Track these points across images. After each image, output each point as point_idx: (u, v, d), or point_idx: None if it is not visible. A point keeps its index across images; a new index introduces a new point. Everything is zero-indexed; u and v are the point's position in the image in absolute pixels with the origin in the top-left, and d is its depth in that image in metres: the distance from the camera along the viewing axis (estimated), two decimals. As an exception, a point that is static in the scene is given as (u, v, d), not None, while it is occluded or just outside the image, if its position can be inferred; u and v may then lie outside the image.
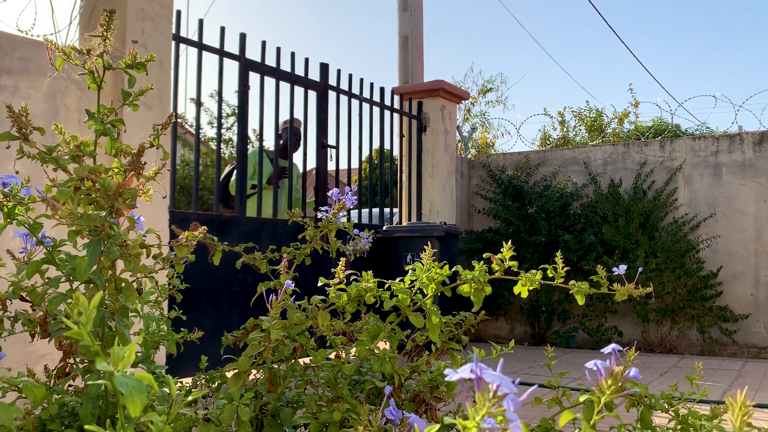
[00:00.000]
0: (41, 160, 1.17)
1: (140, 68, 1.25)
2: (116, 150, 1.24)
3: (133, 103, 1.27)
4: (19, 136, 1.17)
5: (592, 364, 0.83)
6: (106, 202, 1.14)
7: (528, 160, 6.67)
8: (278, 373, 1.43)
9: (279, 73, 4.66)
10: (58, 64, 1.24)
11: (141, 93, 1.26)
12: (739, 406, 0.89)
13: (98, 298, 0.57)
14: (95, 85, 1.25)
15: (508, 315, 6.48)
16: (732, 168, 5.78)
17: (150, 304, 1.67)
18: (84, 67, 1.24)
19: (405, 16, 6.71)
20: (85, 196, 1.11)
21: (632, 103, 10.24)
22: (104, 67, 1.24)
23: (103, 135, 1.21)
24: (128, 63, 1.25)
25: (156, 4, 3.54)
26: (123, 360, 0.56)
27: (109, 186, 1.09)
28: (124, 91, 1.26)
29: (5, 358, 1.52)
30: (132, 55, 1.25)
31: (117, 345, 0.57)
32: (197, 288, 3.80)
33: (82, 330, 0.56)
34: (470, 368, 0.56)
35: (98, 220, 1.12)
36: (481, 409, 0.53)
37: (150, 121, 3.40)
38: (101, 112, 1.23)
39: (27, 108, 1.19)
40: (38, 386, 0.90)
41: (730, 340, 5.59)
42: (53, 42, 1.22)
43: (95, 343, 0.57)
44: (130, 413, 0.60)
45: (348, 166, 5.37)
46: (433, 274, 1.36)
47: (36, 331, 1.42)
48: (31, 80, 3.09)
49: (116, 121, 1.24)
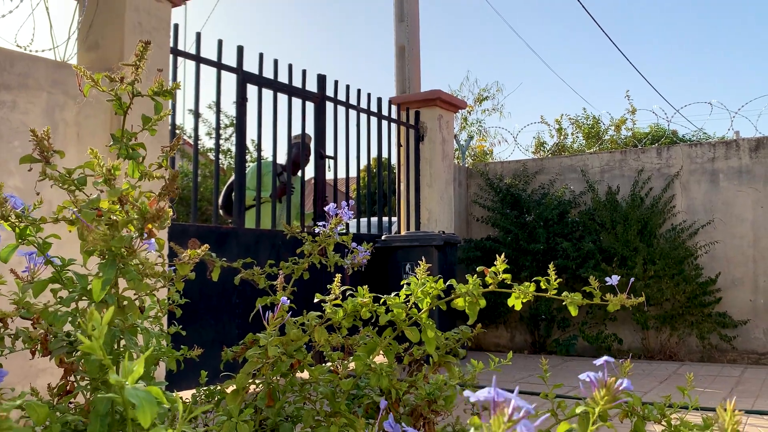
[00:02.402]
0: (62, 182, 1.20)
1: (167, 96, 1.29)
2: (141, 173, 1.27)
3: (151, 128, 1.30)
4: (41, 159, 1.20)
5: (585, 375, 0.85)
6: (142, 224, 1.17)
7: (526, 168, 6.69)
8: (277, 388, 1.45)
9: (276, 84, 4.68)
10: (85, 91, 1.27)
11: (160, 118, 1.29)
12: (730, 414, 0.90)
13: (110, 313, 0.59)
14: (121, 111, 1.29)
15: (507, 323, 6.49)
16: (729, 174, 5.80)
17: (150, 320, 1.69)
18: (111, 94, 1.27)
19: (401, 27, 6.75)
20: (115, 220, 1.14)
21: (629, 109, 10.29)
22: (132, 94, 1.27)
23: (127, 158, 1.25)
24: (155, 90, 1.29)
25: (153, 18, 3.57)
26: (133, 374, 0.58)
27: (146, 209, 1.13)
28: (144, 116, 1.30)
29: (8, 374, 1.53)
30: (159, 83, 1.28)
31: (127, 359, 0.59)
32: (197, 300, 3.81)
33: (94, 344, 0.57)
34: (488, 391, 0.59)
35: (128, 242, 1.15)
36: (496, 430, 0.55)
37: (148, 134, 3.42)
38: (125, 136, 1.26)
39: (49, 132, 1.22)
40: (41, 405, 0.91)
41: (729, 346, 5.60)
42: (82, 68, 1.25)
43: (107, 357, 0.59)
44: (142, 424, 0.62)
45: (346, 176, 5.39)
46: (428, 288, 1.37)
47: (37, 348, 1.44)
48: (30, 95, 3.11)
49: (137, 144, 1.27)
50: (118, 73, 1.24)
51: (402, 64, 6.71)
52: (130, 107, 1.29)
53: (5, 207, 1.16)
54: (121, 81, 1.23)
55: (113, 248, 1.09)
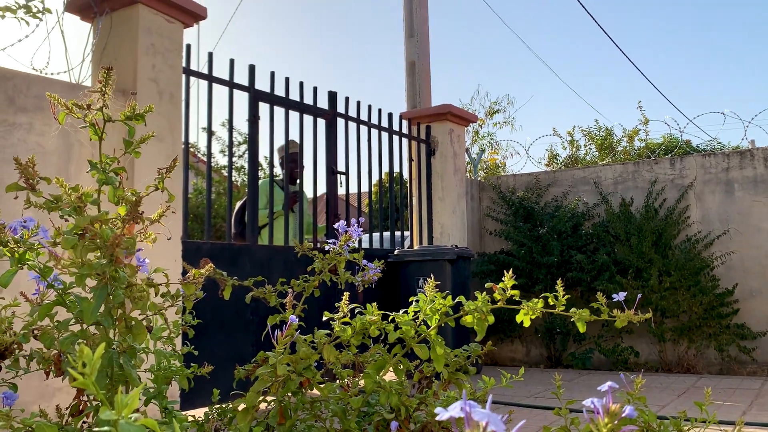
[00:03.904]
0: (48, 209, 1.21)
1: (139, 120, 1.30)
2: (118, 198, 1.28)
3: (135, 151, 1.31)
4: (27, 187, 1.21)
5: (590, 402, 0.84)
6: (106, 251, 1.18)
7: (538, 180, 6.68)
8: (288, 406, 1.45)
9: (288, 102, 4.72)
10: (61, 118, 1.29)
11: (142, 141, 1.30)
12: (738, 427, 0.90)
13: (101, 349, 0.60)
14: (96, 137, 1.30)
15: (523, 338, 6.44)
16: (744, 184, 5.76)
17: (162, 341, 1.70)
18: (84, 121, 1.29)
19: (412, 42, 6.79)
20: (88, 244, 1.15)
21: (642, 120, 10.25)
22: (104, 119, 1.29)
23: (105, 184, 1.25)
24: (127, 115, 1.30)
25: (166, 39, 3.62)
26: (127, 407, 0.58)
27: (107, 236, 1.13)
28: (125, 140, 1.31)
29: (22, 391, 1.55)
30: (131, 108, 1.30)
31: (120, 393, 0.59)
32: (210, 318, 3.83)
33: (87, 380, 0.58)
34: (460, 406, 0.58)
35: (99, 268, 1.15)
36: None
37: (162, 153, 3.46)
38: (103, 161, 1.27)
39: (33, 159, 1.23)
40: (50, 426, 0.92)
41: (749, 358, 5.52)
42: (55, 96, 1.27)
43: (100, 393, 0.60)
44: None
45: (358, 191, 5.40)
46: (436, 305, 1.37)
47: (50, 369, 1.46)
48: (46, 117, 3.16)
49: (119, 169, 1.28)
50: (85, 99, 1.26)
51: (412, 80, 6.75)
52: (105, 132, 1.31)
53: (4, 233, 1.18)
54: (88, 108, 1.25)
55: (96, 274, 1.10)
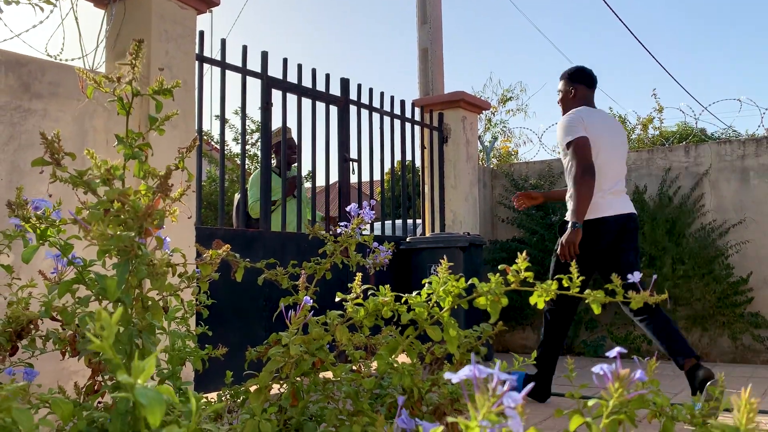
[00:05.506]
0: (73, 183, 1.22)
1: (167, 94, 1.30)
2: (144, 172, 1.29)
3: (159, 128, 1.31)
4: (52, 162, 1.22)
5: (599, 368, 0.84)
6: (136, 223, 1.18)
7: (551, 168, 6.64)
8: (301, 387, 1.46)
9: (301, 89, 4.72)
10: (89, 92, 1.29)
11: (167, 118, 1.31)
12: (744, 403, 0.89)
13: (119, 313, 0.60)
14: (124, 111, 1.31)
15: (534, 325, 6.43)
16: (760, 172, 5.69)
17: (177, 321, 1.71)
18: (113, 94, 1.29)
19: (424, 29, 6.75)
20: (114, 218, 1.16)
21: (656, 108, 10.13)
22: (132, 93, 1.29)
23: (131, 158, 1.26)
24: (155, 89, 1.30)
25: (179, 26, 3.62)
26: (144, 372, 0.59)
27: (138, 208, 1.14)
28: (150, 116, 1.31)
29: (39, 374, 1.57)
30: (159, 82, 1.30)
31: (137, 359, 0.60)
32: (224, 302, 3.85)
33: (104, 343, 0.59)
34: (469, 369, 0.58)
35: (128, 241, 1.16)
36: (481, 408, 0.55)
37: (175, 139, 3.47)
38: (129, 136, 1.28)
39: (59, 134, 1.24)
40: (66, 402, 0.94)
41: (763, 347, 5.48)
42: (84, 70, 1.27)
43: (116, 356, 0.60)
44: (150, 423, 0.63)
45: (370, 179, 5.40)
46: (449, 287, 1.37)
47: (66, 349, 1.48)
48: (60, 103, 3.18)
49: (144, 145, 1.29)
50: (113, 69, 1.27)
51: (425, 67, 6.72)
52: (132, 106, 1.31)
53: (26, 209, 1.19)
54: (118, 80, 1.25)
55: (123, 247, 1.11)
